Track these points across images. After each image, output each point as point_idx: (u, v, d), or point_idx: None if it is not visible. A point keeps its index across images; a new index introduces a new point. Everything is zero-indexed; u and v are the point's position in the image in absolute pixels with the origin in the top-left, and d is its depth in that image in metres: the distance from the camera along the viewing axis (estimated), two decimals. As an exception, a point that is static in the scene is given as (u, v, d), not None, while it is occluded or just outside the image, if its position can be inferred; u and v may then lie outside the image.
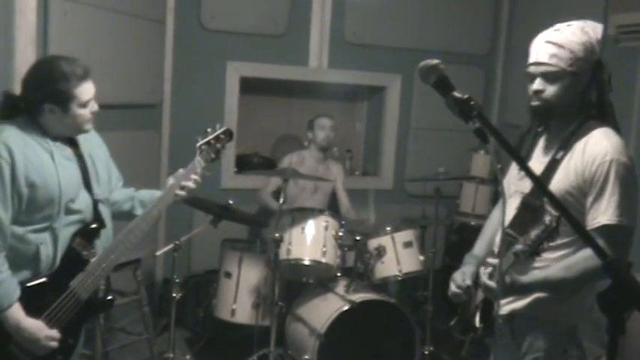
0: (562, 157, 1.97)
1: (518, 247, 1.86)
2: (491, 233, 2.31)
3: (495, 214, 2.38)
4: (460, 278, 2.19)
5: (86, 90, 2.13)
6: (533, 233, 1.83)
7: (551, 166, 1.99)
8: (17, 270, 2.06)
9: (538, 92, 1.96)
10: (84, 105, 2.13)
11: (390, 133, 5.02)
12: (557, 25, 1.98)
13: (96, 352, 3.40)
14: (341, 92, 5.09)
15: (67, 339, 2.18)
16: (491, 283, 1.96)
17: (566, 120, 1.99)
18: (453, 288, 2.19)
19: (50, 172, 2.09)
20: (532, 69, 1.98)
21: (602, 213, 1.88)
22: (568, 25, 1.96)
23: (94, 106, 2.18)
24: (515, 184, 2.11)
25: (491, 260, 2.10)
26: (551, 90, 1.95)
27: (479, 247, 2.31)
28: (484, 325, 2.10)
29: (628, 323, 1.31)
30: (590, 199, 1.91)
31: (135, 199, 2.46)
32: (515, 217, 2.05)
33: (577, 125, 1.97)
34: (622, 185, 1.88)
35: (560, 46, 1.91)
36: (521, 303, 2.05)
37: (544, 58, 1.93)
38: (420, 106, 4.96)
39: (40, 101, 2.09)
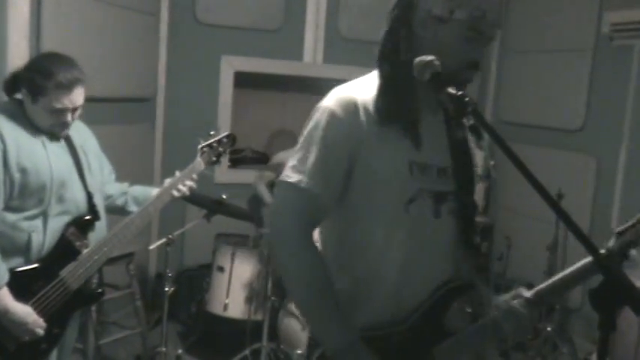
0: (464, 135, 1.66)
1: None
2: None
3: None
4: None
5: (59, 99, 2.07)
6: None
7: (462, 147, 1.65)
8: (8, 257, 2.06)
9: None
10: (51, 110, 2.08)
11: (385, 128, 5.02)
12: None
13: (88, 346, 3.40)
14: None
15: (53, 328, 2.18)
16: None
17: None
18: None
19: (42, 157, 2.09)
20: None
21: None
22: None
23: (67, 117, 2.12)
24: (425, 182, 1.55)
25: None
26: None
27: None
28: None
29: (619, 320, 1.32)
30: None
31: (128, 195, 2.45)
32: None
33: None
34: None
35: None
36: None
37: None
38: (415, 102, 4.96)
39: (20, 82, 2.11)
